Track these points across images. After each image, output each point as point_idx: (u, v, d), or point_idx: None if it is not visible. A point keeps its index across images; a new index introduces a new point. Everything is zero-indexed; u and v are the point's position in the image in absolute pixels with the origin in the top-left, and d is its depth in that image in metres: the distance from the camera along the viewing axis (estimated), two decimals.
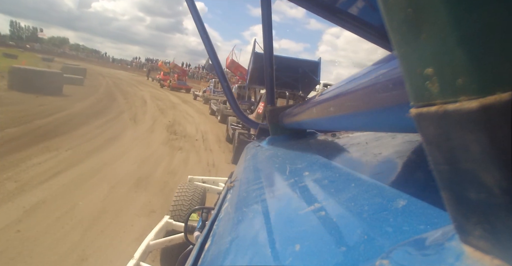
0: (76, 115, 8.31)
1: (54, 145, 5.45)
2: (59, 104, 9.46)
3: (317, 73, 7.83)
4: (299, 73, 7.60)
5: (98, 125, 7.69)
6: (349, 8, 1.39)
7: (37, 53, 49.02)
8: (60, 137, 6.04)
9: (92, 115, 8.65)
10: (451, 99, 0.16)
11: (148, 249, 1.73)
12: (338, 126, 0.83)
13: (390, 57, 0.43)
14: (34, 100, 9.34)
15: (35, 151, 4.94)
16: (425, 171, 0.51)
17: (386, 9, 0.20)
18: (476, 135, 0.15)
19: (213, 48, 1.69)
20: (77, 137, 6.22)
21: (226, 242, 0.55)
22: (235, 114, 1.91)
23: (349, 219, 0.43)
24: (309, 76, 7.72)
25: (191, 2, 1.56)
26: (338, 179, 0.62)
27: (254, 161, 1.16)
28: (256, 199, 0.69)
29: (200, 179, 2.91)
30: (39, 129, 6.32)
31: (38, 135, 5.86)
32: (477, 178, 0.16)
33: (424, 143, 0.20)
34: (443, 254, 0.20)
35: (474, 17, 0.14)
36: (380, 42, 1.20)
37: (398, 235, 0.33)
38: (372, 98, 0.43)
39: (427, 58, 0.17)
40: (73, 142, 5.83)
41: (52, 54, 53.94)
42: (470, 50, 0.14)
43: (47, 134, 6.00)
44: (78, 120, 7.69)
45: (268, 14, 1.45)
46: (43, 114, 7.64)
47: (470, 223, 0.18)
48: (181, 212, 2.24)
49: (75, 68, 20.57)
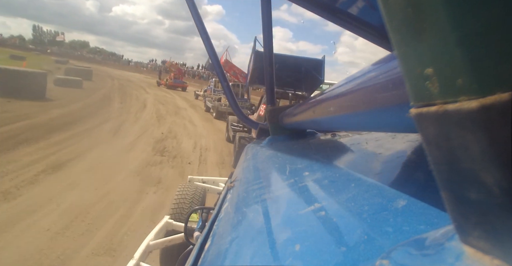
0: (38, 126, 6.48)
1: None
2: (29, 110, 7.73)
3: (321, 72, 7.39)
4: (302, 72, 7.20)
5: (58, 140, 5.81)
6: (349, 7, 1.39)
7: (55, 56, 48.52)
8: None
9: (61, 126, 6.81)
10: (451, 99, 0.16)
11: (148, 249, 1.73)
12: (338, 126, 0.83)
13: (390, 57, 0.43)
14: (2, 105, 7.68)
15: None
16: (425, 171, 0.51)
17: (386, 9, 0.20)
18: (476, 135, 0.15)
19: (213, 48, 1.69)
20: (9, 162, 4.28)
21: (226, 242, 0.55)
22: (235, 114, 1.91)
23: (349, 219, 0.43)
24: (313, 75, 7.28)
25: (191, 2, 1.56)
26: (338, 179, 0.62)
27: (254, 161, 1.16)
28: (256, 199, 0.69)
29: (200, 179, 2.91)
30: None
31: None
32: (477, 178, 0.16)
33: (424, 143, 0.20)
34: (443, 254, 0.20)
35: (474, 17, 0.14)
36: (380, 42, 1.20)
37: (398, 235, 0.33)
38: (372, 98, 0.43)
39: (427, 58, 0.17)
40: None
41: (69, 57, 53.78)
42: (470, 50, 0.14)
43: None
44: (35, 133, 5.92)
45: (268, 13, 1.45)
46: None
47: (470, 223, 0.18)
48: (181, 212, 2.24)
49: (80, 70, 19.20)
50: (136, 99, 15.16)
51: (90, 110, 9.61)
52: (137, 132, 7.82)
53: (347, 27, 1.24)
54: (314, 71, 7.24)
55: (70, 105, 9.85)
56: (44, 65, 19.60)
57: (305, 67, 7.13)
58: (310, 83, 7.48)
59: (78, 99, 11.20)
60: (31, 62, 20.11)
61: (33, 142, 5.43)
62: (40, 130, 6.25)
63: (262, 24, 1.45)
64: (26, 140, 5.44)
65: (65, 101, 10.31)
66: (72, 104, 10.09)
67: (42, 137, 5.79)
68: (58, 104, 9.51)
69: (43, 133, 6.08)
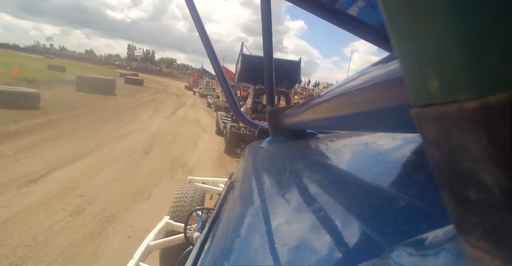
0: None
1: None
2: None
3: (298, 72, 8.86)
4: (281, 72, 8.26)
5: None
6: (349, 8, 1.39)
7: (131, 70, 59.22)
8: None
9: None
10: (451, 99, 0.16)
11: (147, 250, 1.73)
12: (338, 127, 0.83)
13: (390, 57, 0.43)
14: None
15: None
16: (425, 171, 0.51)
17: (386, 9, 0.20)
18: (476, 135, 0.15)
19: (213, 50, 1.69)
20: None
21: (226, 243, 0.55)
22: (235, 114, 1.91)
23: (349, 219, 0.43)
24: (291, 74, 8.56)
25: (191, 2, 1.56)
26: (338, 179, 0.62)
27: (254, 162, 1.16)
28: (255, 199, 0.69)
29: (200, 180, 2.91)
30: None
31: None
32: (477, 178, 0.16)
33: (424, 143, 0.20)
34: (443, 254, 0.20)
35: (474, 16, 0.14)
36: (380, 42, 1.20)
37: (398, 235, 0.33)
38: (372, 98, 0.43)
39: (427, 58, 0.17)
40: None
41: (144, 71, 68.61)
42: (470, 50, 0.14)
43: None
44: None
45: (268, 15, 1.45)
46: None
47: (470, 223, 0.18)
48: (181, 212, 2.24)
49: (134, 79, 28.23)
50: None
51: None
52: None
53: (346, 28, 1.24)
54: (292, 71, 8.59)
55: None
56: (108, 74, 27.77)
57: (284, 67, 8.24)
58: (289, 81, 8.89)
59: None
60: (104, 72, 30.12)
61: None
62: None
63: (262, 26, 1.45)
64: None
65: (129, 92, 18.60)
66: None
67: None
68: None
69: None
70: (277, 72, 6.25)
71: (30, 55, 55.53)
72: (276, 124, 1.32)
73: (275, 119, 1.32)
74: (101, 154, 5.57)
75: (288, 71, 8.34)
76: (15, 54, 47.43)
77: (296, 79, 9.23)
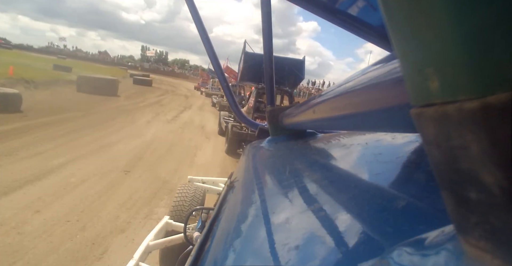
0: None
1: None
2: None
3: (302, 71, 8.57)
4: (285, 70, 8.09)
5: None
6: (349, 7, 1.39)
7: (143, 71, 59.49)
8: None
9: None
10: (451, 99, 0.16)
11: (147, 250, 1.73)
12: (338, 126, 0.83)
13: (390, 57, 0.43)
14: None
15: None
16: (425, 171, 0.51)
17: (386, 9, 0.20)
18: (476, 135, 0.15)
19: (213, 50, 1.69)
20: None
21: (226, 242, 0.55)
22: (235, 114, 1.91)
23: (349, 219, 0.43)
24: (295, 73, 8.36)
25: (191, 2, 1.56)
26: (338, 179, 0.62)
27: (254, 162, 1.16)
28: (255, 199, 0.69)
29: (200, 179, 2.91)
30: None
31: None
32: (477, 178, 0.16)
33: (424, 143, 0.20)
34: (443, 254, 0.20)
35: (474, 16, 0.14)
36: (380, 42, 1.20)
37: (398, 235, 0.33)
38: (372, 98, 0.43)
39: (427, 58, 0.17)
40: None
41: (156, 72, 70.25)
42: (470, 50, 0.14)
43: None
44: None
45: (268, 14, 1.45)
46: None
47: (470, 223, 0.17)
48: (181, 212, 2.24)
49: (142, 79, 27.55)
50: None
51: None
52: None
53: (347, 28, 1.24)
54: (296, 70, 8.37)
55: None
56: (118, 75, 28.06)
57: (288, 66, 8.09)
58: (293, 80, 8.65)
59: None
60: (115, 73, 29.84)
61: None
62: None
63: (262, 25, 1.45)
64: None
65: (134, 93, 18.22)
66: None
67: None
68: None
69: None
70: (280, 71, 6.49)
71: (43, 55, 54.32)
72: (276, 124, 1.32)
73: (275, 118, 1.32)
74: (60, 177, 3.97)
75: (292, 70, 8.18)
76: (26, 54, 44.60)
77: (301, 78, 8.98)
